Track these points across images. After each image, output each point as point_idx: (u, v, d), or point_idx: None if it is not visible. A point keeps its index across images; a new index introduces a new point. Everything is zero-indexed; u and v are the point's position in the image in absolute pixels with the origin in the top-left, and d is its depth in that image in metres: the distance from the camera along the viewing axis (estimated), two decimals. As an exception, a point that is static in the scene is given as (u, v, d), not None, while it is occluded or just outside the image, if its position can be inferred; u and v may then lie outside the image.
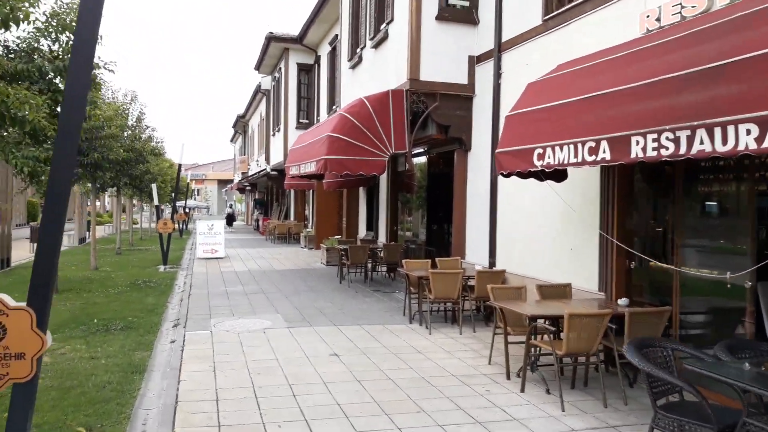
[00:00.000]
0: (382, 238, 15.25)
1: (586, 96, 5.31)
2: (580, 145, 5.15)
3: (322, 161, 9.88)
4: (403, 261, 9.91)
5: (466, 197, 10.52)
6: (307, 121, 24.31)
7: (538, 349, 6.42)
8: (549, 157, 5.62)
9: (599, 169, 7.22)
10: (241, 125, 46.54)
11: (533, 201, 8.48)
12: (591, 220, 7.38)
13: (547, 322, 6.43)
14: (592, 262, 7.35)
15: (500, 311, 6.66)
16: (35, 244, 12.66)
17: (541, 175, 6.76)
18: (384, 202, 15.05)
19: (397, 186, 14.64)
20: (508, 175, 6.64)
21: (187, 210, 41.13)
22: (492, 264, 9.57)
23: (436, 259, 10.00)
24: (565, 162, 5.39)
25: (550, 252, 8.18)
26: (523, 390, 6.12)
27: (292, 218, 30.84)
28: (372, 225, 16.53)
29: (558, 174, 6.95)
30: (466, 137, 10.28)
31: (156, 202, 17.54)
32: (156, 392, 5.99)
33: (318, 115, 22.41)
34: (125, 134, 17.15)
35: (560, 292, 7.35)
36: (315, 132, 11.57)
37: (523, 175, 6.71)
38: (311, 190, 24.90)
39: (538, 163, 5.80)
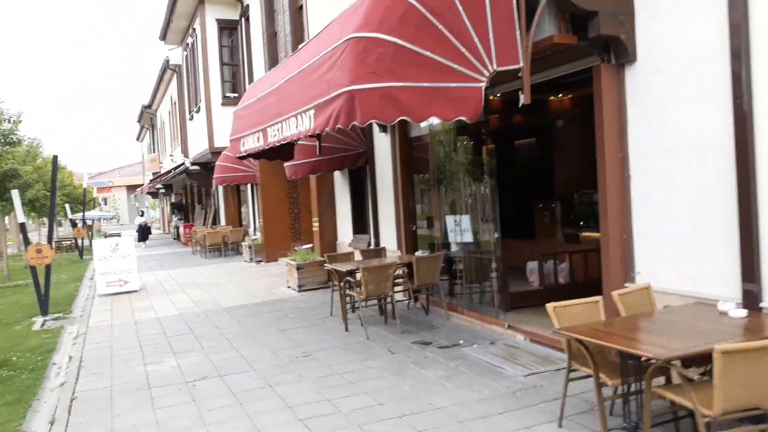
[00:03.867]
0: (389, 245, 9.71)
1: None
2: None
3: (345, 96, 4.24)
4: (550, 306, 4.43)
5: (627, 156, 5.19)
6: (235, 95, 18.30)
7: None
8: None
9: None
10: (147, 118, 39.13)
11: None
12: None
13: None
14: None
15: None
16: None
17: None
18: (390, 187, 9.47)
19: (414, 157, 9.11)
20: None
21: (88, 222, 33.67)
22: (754, 296, 4.29)
23: (617, 294, 4.62)
24: None
25: None
26: None
27: (223, 223, 24.62)
28: (364, 225, 10.94)
29: None
30: (627, 34, 4.93)
31: (21, 217, 11.15)
32: None
33: (250, 84, 16.49)
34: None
35: None
36: (304, 55, 5.75)
37: None
38: (251, 184, 18.95)
39: None
